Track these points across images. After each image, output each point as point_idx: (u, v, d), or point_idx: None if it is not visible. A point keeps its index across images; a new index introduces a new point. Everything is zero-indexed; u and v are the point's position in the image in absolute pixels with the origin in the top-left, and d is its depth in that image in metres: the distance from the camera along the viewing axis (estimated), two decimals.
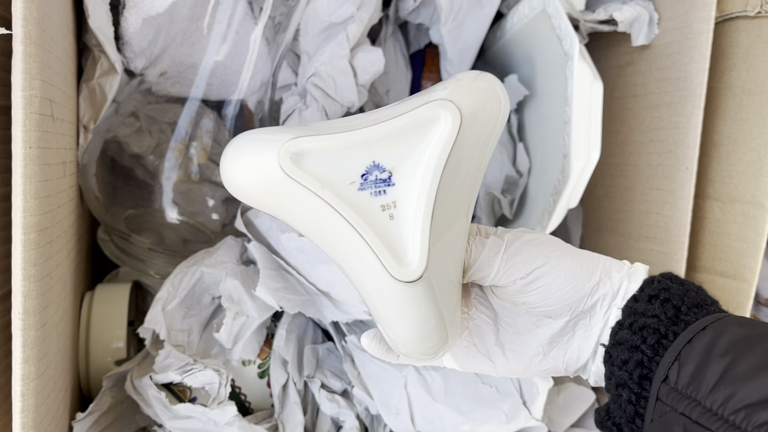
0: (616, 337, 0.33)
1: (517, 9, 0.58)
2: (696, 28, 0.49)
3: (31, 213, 0.36)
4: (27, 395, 0.37)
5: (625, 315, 0.33)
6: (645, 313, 0.32)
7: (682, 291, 0.32)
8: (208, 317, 0.52)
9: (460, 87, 0.32)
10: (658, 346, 0.31)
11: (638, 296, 0.33)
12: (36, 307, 0.37)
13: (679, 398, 0.28)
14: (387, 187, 0.31)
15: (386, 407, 0.47)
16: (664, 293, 0.32)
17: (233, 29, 0.57)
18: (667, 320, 0.31)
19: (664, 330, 0.31)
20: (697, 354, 0.29)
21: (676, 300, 0.32)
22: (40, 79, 0.36)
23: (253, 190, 0.32)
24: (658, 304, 0.32)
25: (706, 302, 0.32)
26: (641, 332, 0.31)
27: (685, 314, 0.31)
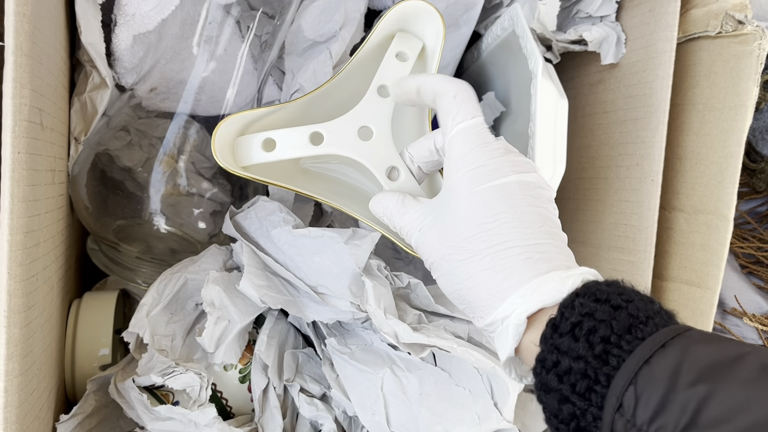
0: (541, 380, 0.29)
1: (491, 30, 0.60)
2: (660, 47, 0.52)
3: (18, 215, 0.38)
4: (10, 391, 0.38)
5: (546, 352, 0.28)
6: (569, 352, 0.27)
7: (609, 314, 0.27)
8: (191, 323, 0.53)
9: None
10: (590, 394, 0.26)
11: (559, 324, 0.28)
12: (21, 306, 0.38)
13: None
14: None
15: (362, 408, 0.48)
16: (588, 321, 0.27)
17: (221, 47, 0.60)
18: (596, 360, 0.26)
19: (594, 374, 0.26)
20: (659, 381, 0.24)
21: (603, 329, 0.27)
22: (30, 89, 0.38)
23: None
24: (582, 339, 0.27)
25: (640, 320, 0.27)
26: (568, 377, 0.27)
27: (616, 346, 0.26)
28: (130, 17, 0.54)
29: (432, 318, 0.52)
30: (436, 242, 0.36)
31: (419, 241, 0.37)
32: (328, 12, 0.57)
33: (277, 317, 0.56)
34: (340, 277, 0.48)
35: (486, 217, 0.33)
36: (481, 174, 0.34)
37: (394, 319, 0.47)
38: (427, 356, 0.50)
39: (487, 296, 0.32)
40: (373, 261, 0.51)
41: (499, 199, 0.34)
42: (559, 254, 0.33)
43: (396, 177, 0.43)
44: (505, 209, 0.33)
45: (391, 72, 0.46)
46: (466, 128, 0.36)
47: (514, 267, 0.32)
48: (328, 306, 0.50)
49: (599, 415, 0.26)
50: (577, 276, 0.31)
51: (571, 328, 0.28)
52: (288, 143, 0.44)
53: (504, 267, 0.32)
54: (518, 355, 0.32)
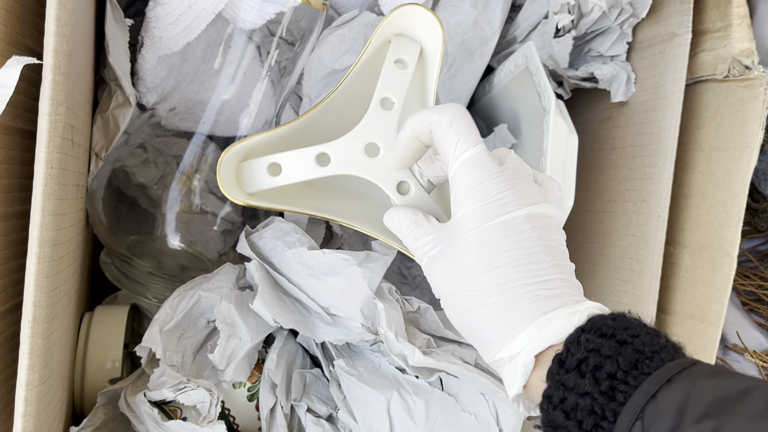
0: (548, 417, 0.29)
1: (504, 65, 0.62)
2: (669, 88, 0.53)
3: (47, 228, 0.39)
4: (30, 401, 0.39)
5: (553, 388, 0.29)
6: (576, 389, 0.27)
7: (615, 349, 0.27)
8: (202, 340, 0.54)
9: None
10: (597, 430, 0.27)
11: (565, 360, 0.29)
12: (45, 317, 0.39)
13: None
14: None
15: (369, 430, 0.49)
16: (594, 357, 0.28)
17: (241, 71, 0.61)
18: (602, 396, 0.27)
19: (601, 410, 0.26)
20: (666, 416, 0.24)
21: (609, 366, 0.27)
22: (65, 106, 0.40)
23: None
24: (589, 375, 0.27)
25: (645, 355, 0.27)
26: (574, 414, 0.27)
27: (623, 382, 0.26)
28: (157, 39, 0.55)
29: (440, 343, 0.53)
30: (444, 276, 0.36)
31: (428, 271, 0.37)
32: (348, 41, 0.59)
33: (287, 337, 0.56)
34: (352, 299, 0.49)
35: (494, 254, 0.33)
36: (489, 210, 0.34)
37: (404, 342, 0.48)
38: (434, 381, 0.51)
39: (495, 333, 0.33)
40: (384, 284, 0.52)
41: (507, 235, 0.33)
42: (567, 288, 0.33)
43: (406, 191, 0.43)
44: (512, 246, 0.33)
45: (392, 81, 0.44)
46: (470, 158, 0.35)
47: (521, 305, 0.32)
48: (338, 327, 0.51)
49: None
50: (583, 311, 0.31)
51: (577, 364, 0.28)
52: (294, 167, 0.43)
53: (512, 305, 0.32)
54: (526, 390, 0.32)
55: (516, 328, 0.32)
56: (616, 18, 0.56)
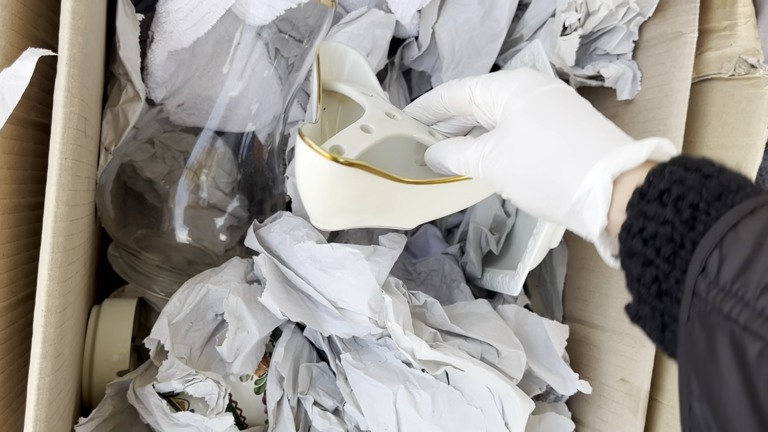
0: (626, 246, 0.29)
1: (511, 63, 0.63)
2: (675, 86, 0.54)
3: (61, 218, 0.39)
4: (42, 389, 0.39)
5: (632, 218, 0.28)
6: (655, 218, 0.27)
7: (700, 181, 0.27)
8: (210, 333, 0.54)
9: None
10: (674, 258, 0.26)
11: (647, 192, 0.28)
12: (58, 306, 0.40)
13: (722, 297, 0.24)
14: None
15: (375, 423, 0.49)
16: (677, 188, 0.27)
17: (249, 67, 0.62)
18: (683, 225, 0.26)
19: (680, 239, 0.26)
20: (745, 243, 0.24)
21: (692, 196, 0.27)
22: (80, 98, 0.40)
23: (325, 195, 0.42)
24: (670, 204, 0.27)
25: (730, 189, 0.26)
26: (653, 242, 0.27)
27: (704, 213, 0.26)
28: (167, 34, 0.56)
29: (447, 337, 0.53)
30: (504, 155, 0.36)
31: (486, 164, 0.37)
32: (356, 38, 0.59)
33: (294, 331, 0.57)
34: (360, 293, 0.50)
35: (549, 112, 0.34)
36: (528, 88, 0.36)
37: (412, 335, 0.48)
38: (440, 374, 0.51)
39: (568, 174, 0.32)
40: (391, 279, 0.52)
41: (555, 98, 0.35)
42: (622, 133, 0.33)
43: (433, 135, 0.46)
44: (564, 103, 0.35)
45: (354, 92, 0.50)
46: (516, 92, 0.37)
47: (588, 143, 0.32)
48: (346, 321, 0.51)
49: (682, 279, 0.26)
50: (653, 143, 0.31)
51: (659, 195, 0.28)
52: (352, 143, 0.44)
53: (580, 145, 0.32)
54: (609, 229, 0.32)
55: (588, 161, 0.31)
56: (623, 16, 0.56)
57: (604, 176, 0.30)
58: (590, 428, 0.58)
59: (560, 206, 0.33)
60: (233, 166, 0.64)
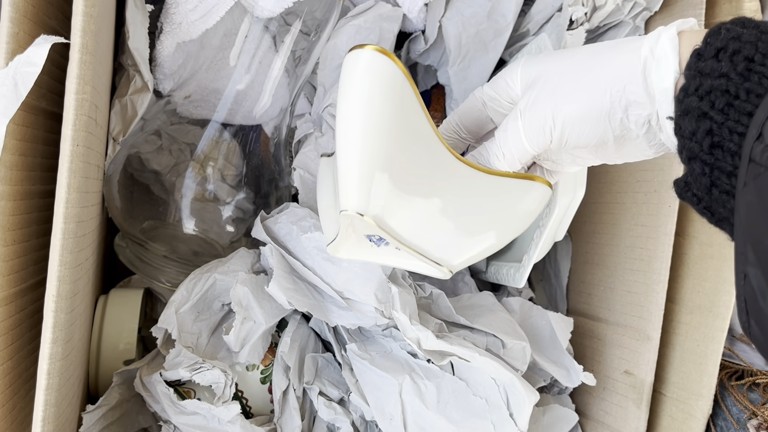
0: (683, 105, 0.29)
1: (516, 57, 0.63)
2: None
3: (72, 204, 0.39)
4: (52, 374, 0.40)
5: (689, 77, 0.29)
6: (711, 73, 0.28)
7: (756, 36, 0.27)
8: (217, 322, 0.55)
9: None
10: (728, 109, 0.27)
11: (702, 51, 0.29)
12: (68, 292, 0.40)
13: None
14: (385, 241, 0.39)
15: (381, 413, 0.50)
16: (734, 44, 0.27)
17: (257, 60, 0.62)
18: (738, 76, 0.27)
19: (734, 89, 0.27)
20: None
21: (747, 49, 0.27)
22: (92, 85, 0.40)
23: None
24: (726, 59, 0.27)
25: None
26: (708, 96, 0.28)
27: (760, 64, 0.26)
28: (176, 25, 0.56)
29: (452, 328, 0.53)
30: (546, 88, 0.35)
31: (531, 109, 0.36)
32: (363, 31, 0.59)
33: (300, 322, 0.57)
34: (366, 283, 0.50)
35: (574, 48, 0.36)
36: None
37: (418, 325, 0.49)
38: (445, 365, 0.51)
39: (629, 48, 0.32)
40: (397, 270, 0.53)
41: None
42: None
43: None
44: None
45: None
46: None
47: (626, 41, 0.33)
48: (352, 311, 0.51)
49: (735, 129, 0.27)
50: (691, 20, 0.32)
51: (715, 53, 0.28)
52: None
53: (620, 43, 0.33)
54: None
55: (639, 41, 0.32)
56: (629, 11, 0.57)
57: (669, 30, 0.31)
58: (594, 420, 0.58)
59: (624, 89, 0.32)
60: (239, 158, 0.65)
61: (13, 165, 0.40)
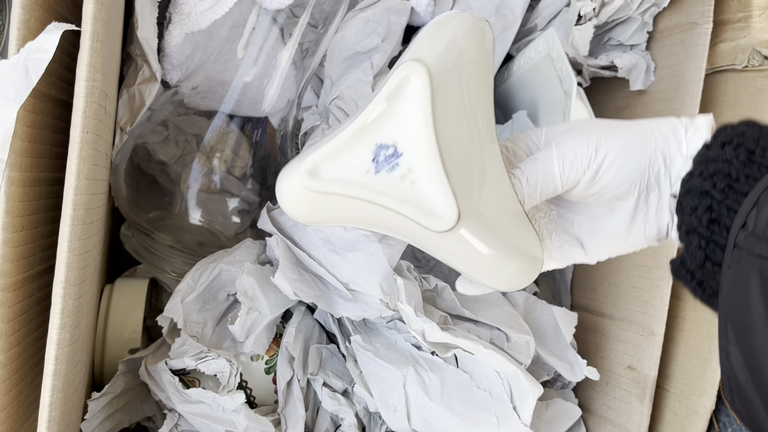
0: (687, 185, 0.32)
1: (524, 52, 0.63)
2: (689, 77, 0.54)
3: (81, 191, 0.40)
4: (60, 359, 0.40)
5: (696, 163, 0.33)
6: (716, 159, 0.31)
7: (758, 134, 0.31)
8: (222, 313, 0.55)
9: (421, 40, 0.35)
10: (728, 190, 0.30)
11: (710, 144, 0.32)
12: (76, 278, 0.40)
13: (755, 242, 0.27)
14: (397, 159, 0.34)
15: (385, 404, 0.50)
16: (738, 138, 0.31)
17: (264, 52, 0.62)
18: (739, 163, 0.30)
19: (735, 173, 0.30)
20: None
21: (749, 143, 0.31)
22: (102, 73, 0.40)
23: (302, 214, 0.37)
24: (730, 149, 0.31)
25: None
26: (711, 178, 0.31)
27: (759, 156, 0.30)
28: (185, 16, 0.56)
29: (457, 321, 0.53)
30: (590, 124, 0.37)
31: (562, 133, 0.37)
32: (371, 24, 0.60)
33: (304, 313, 0.57)
34: (372, 275, 0.50)
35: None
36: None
37: (423, 317, 0.49)
38: (449, 357, 0.51)
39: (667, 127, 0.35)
40: (402, 262, 0.53)
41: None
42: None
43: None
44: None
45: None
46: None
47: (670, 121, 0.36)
48: (357, 303, 0.52)
49: (733, 207, 0.30)
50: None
51: (722, 144, 0.32)
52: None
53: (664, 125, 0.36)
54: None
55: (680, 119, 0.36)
56: (638, 7, 0.57)
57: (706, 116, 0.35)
58: (597, 415, 0.58)
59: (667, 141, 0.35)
60: (246, 150, 0.65)
61: (23, 151, 0.41)
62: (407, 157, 0.34)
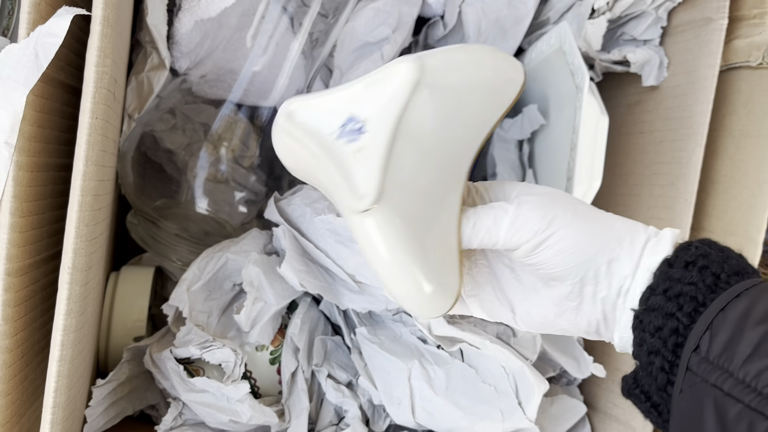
0: (648, 302, 0.31)
1: (536, 45, 0.63)
2: (702, 73, 0.54)
3: (90, 177, 0.39)
4: (66, 345, 0.40)
5: (658, 280, 0.31)
6: (681, 279, 0.30)
7: (722, 258, 0.31)
8: (227, 302, 0.55)
9: (443, 49, 0.35)
10: (695, 314, 0.29)
11: (673, 261, 0.31)
12: (83, 264, 0.40)
13: (710, 369, 0.27)
14: (359, 134, 0.34)
15: (389, 397, 0.50)
16: (702, 260, 0.31)
17: (274, 41, 0.62)
18: (706, 288, 0.30)
19: (702, 298, 0.29)
20: (730, 323, 0.27)
21: (715, 267, 0.30)
22: (112, 59, 0.40)
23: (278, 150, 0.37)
24: (695, 271, 0.30)
25: (746, 270, 0.30)
26: (677, 299, 0.30)
27: (725, 282, 0.30)
28: (195, 3, 0.56)
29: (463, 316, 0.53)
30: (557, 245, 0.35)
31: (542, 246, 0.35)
32: (382, 14, 0.59)
33: (310, 304, 0.57)
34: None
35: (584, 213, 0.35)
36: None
37: None
38: (455, 352, 0.51)
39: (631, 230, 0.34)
40: None
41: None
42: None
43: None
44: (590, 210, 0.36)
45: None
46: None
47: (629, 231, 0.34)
48: (363, 295, 0.51)
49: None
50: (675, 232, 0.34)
51: (685, 264, 0.31)
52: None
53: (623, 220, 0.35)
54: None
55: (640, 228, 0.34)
56: (653, 2, 0.56)
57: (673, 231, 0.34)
58: (602, 412, 0.58)
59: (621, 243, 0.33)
60: (253, 140, 0.64)
61: (31, 136, 0.40)
62: (369, 137, 0.34)
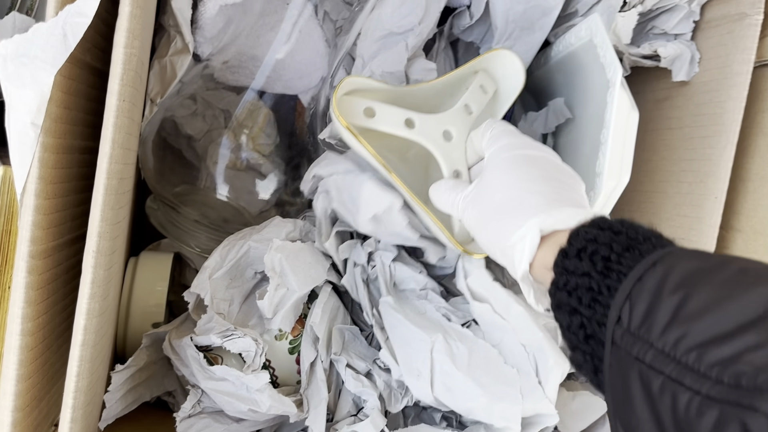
0: (555, 299, 0.32)
1: (564, 38, 0.61)
2: (736, 68, 0.52)
3: (116, 160, 0.39)
4: (89, 329, 0.39)
5: (558, 274, 0.32)
6: (575, 271, 0.31)
7: (610, 237, 0.31)
8: (249, 290, 0.54)
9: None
10: (594, 304, 0.30)
11: (567, 251, 0.32)
12: (107, 248, 0.39)
13: (632, 341, 0.27)
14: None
15: (408, 369, 0.49)
16: (591, 245, 0.31)
17: (297, 29, 0.61)
18: (598, 275, 0.30)
19: (597, 286, 0.30)
20: (647, 292, 0.27)
21: (604, 250, 0.30)
22: (140, 40, 0.39)
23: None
24: (586, 259, 0.31)
25: (638, 241, 0.30)
26: (576, 293, 0.31)
27: (616, 263, 0.30)
28: None
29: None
30: (476, 199, 0.42)
31: (465, 204, 0.43)
32: (409, 4, 0.58)
33: (330, 294, 0.57)
34: None
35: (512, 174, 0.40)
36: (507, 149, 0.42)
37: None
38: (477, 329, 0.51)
39: (510, 225, 0.37)
40: None
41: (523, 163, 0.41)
42: (578, 199, 0.39)
43: (456, 177, 0.51)
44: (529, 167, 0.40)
45: (475, 96, 0.54)
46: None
47: (533, 203, 0.38)
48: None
49: (603, 321, 0.29)
50: (586, 213, 0.35)
51: (577, 253, 0.31)
52: (385, 118, 0.49)
53: (525, 203, 0.38)
54: (537, 278, 0.36)
55: (527, 217, 0.36)
56: None
57: (534, 229, 0.35)
58: None
59: (500, 243, 0.38)
60: (274, 127, 0.64)
61: (57, 117, 0.40)
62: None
